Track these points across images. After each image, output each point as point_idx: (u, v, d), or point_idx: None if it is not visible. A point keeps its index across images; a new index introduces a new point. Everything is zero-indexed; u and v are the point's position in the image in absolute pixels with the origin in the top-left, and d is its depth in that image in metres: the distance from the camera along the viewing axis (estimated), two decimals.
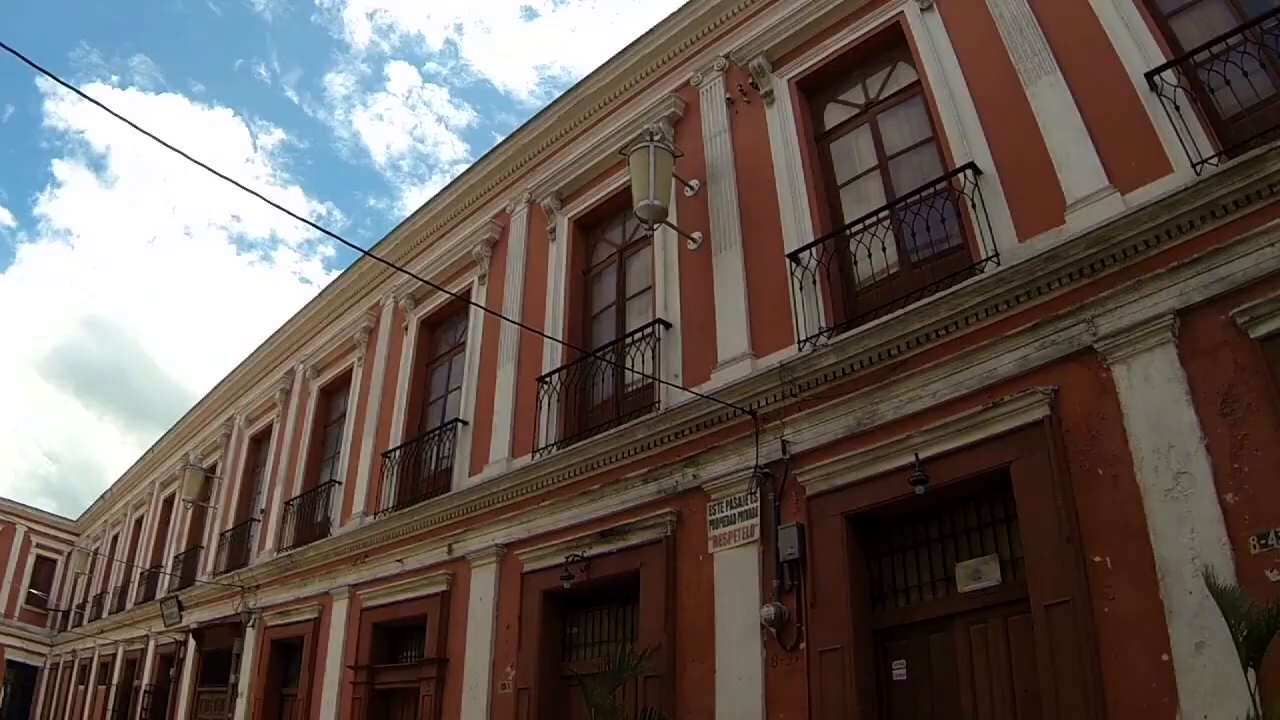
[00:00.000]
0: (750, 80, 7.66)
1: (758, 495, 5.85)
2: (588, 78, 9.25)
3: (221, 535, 14.09)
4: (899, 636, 5.35)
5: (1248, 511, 4.01)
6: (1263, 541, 3.89)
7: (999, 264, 5.41)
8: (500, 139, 10.96)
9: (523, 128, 9.86)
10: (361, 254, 4.87)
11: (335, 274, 20.10)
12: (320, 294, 13.19)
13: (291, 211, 8.74)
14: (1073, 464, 4.69)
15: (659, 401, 6.88)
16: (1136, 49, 5.23)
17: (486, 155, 10.26)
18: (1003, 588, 5.00)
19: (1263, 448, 4.05)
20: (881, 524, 5.66)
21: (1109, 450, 4.61)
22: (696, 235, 7.37)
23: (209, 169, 3.86)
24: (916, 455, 5.12)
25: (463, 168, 13.28)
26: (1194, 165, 4.69)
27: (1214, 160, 4.68)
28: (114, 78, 72.43)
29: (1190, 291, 4.64)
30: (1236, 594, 3.44)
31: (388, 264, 10.12)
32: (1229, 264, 4.47)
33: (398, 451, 9.82)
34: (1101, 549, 4.42)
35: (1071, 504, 4.58)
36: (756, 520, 5.76)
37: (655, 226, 7.23)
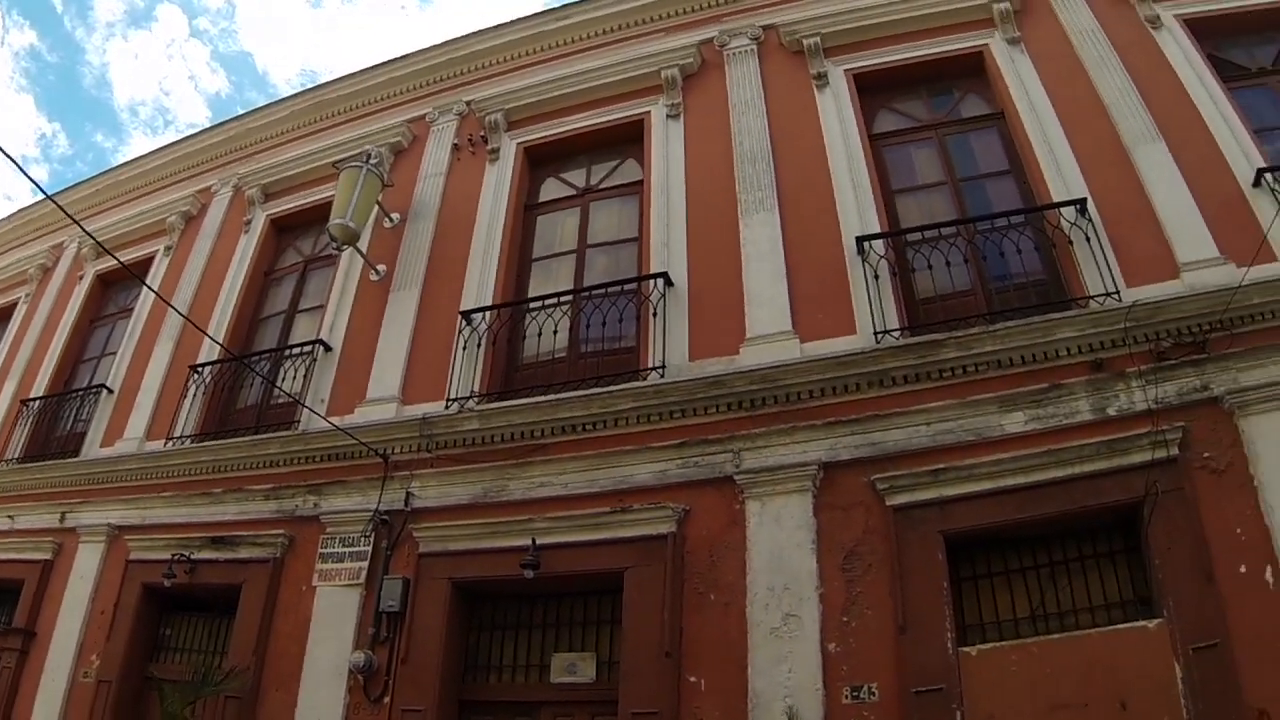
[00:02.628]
0: (482, 133, 9.22)
1: (371, 540, 6.95)
2: (331, 82, 10.93)
3: None
4: (485, 712, 6.37)
5: (847, 663, 5.33)
6: (855, 694, 5.24)
7: (663, 376, 6.66)
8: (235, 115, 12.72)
9: (253, 111, 11.48)
10: (44, 196, 5.64)
11: (30, 201, 20.84)
12: (4, 218, 14.23)
13: None
14: (688, 584, 5.86)
15: (299, 421, 7.94)
16: (857, 214, 7.01)
17: (210, 128, 11.80)
18: (595, 686, 6.10)
19: (873, 608, 5.42)
20: (488, 597, 6.75)
21: (726, 578, 5.78)
22: (381, 268, 8.61)
23: None
24: (533, 540, 6.21)
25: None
26: (876, 333, 6.27)
27: (896, 333, 6.27)
28: None
29: (840, 448, 6.00)
30: None
31: (63, 211, 11.13)
32: (883, 432, 5.95)
33: (36, 403, 10.75)
34: (699, 670, 5.55)
35: (678, 621, 5.73)
36: (365, 564, 6.86)
37: (344, 247, 8.38)
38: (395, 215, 8.98)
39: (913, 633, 5.37)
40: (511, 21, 10.03)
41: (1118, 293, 6.33)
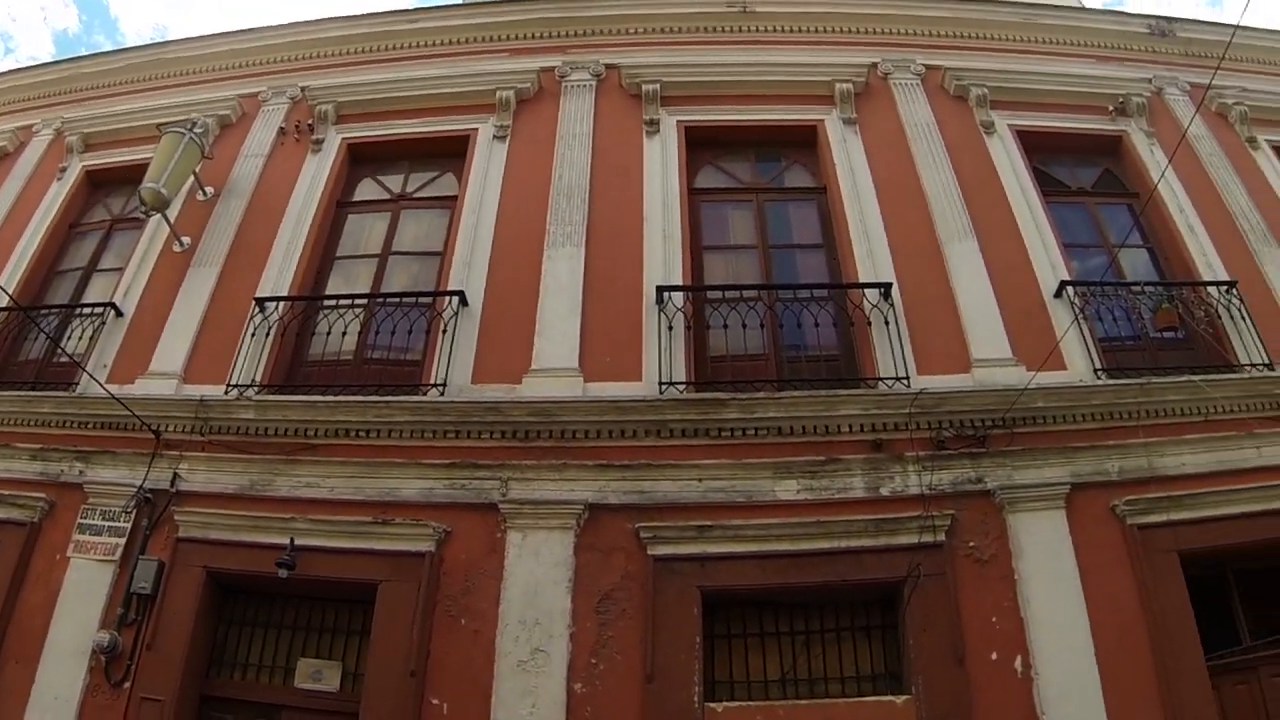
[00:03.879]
0: (310, 121, 9.77)
1: (132, 517, 7.17)
2: (172, 42, 11.45)
3: None
4: (227, 709, 6.68)
5: (591, 705, 5.87)
6: None
7: (442, 394, 7.15)
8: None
9: (90, 56, 11.94)
10: None
11: None
12: None
13: None
14: (440, 605, 6.30)
15: (77, 384, 8.11)
16: (663, 264, 7.95)
17: (43, 65, 12.22)
18: (338, 696, 6.52)
19: (624, 654, 6.00)
20: (242, 592, 7.06)
21: (479, 605, 6.26)
22: (186, 240, 8.92)
23: None
24: (292, 540, 6.56)
25: None
26: (661, 383, 7.02)
27: (681, 387, 7.04)
28: None
29: (609, 491, 6.59)
30: None
31: None
32: (654, 481, 6.62)
33: None
34: (442, 694, 6.01)
35: (426, 642, 6.16)
36: (123, 541, 7.09)
37: (152, 213, 8.64)
38: (209, 189, 9.34)
39: (660, 683, 5.93)
40: (361, 15, 10.59)
41: (907, 378, 7.19)
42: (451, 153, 9.39)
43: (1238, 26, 9.30)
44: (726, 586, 6.43)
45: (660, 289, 7.62)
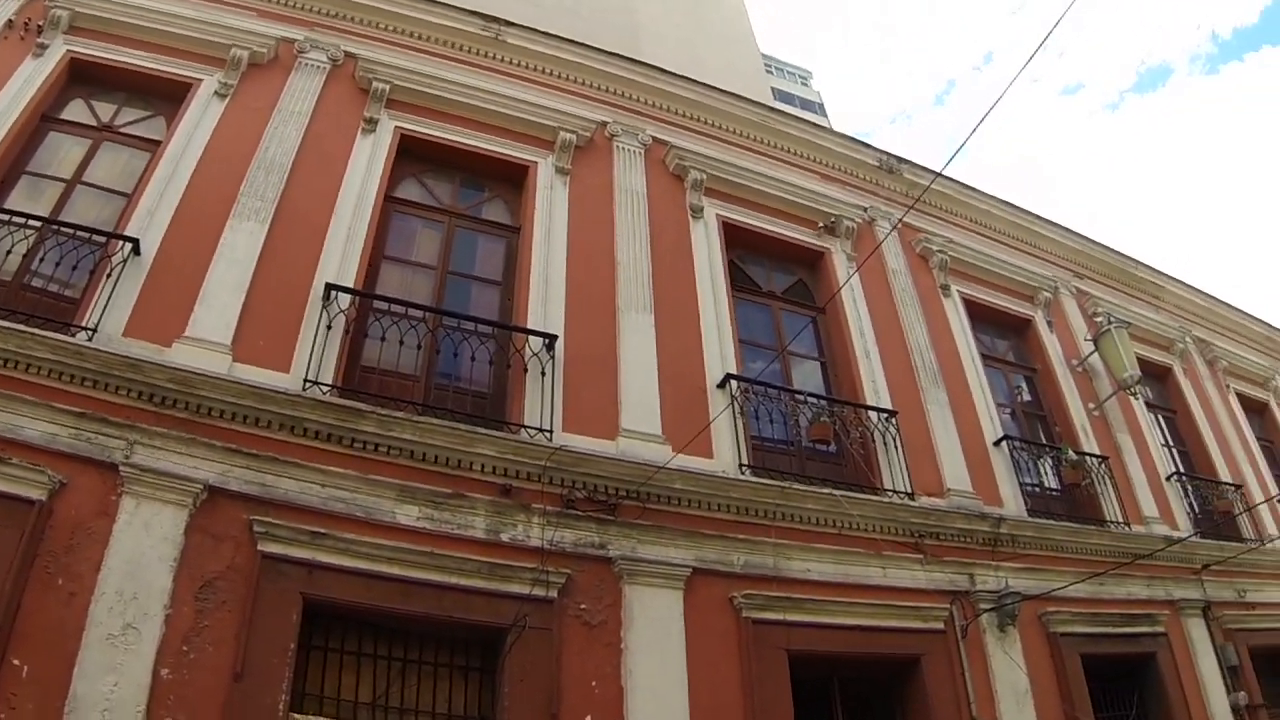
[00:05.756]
0: (40, 22, 10.08)
1: None
2: None
3: None
4: None
5: (175, 693, 6.28)
6: None
7: (90, 339, 7.53)
8: None
9: None
10: None
11: None
12: None
13: None
14: (39, 560, 6.53)
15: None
16: (339, 263, 9.14)
17: None
18: None
19: (216, 646, 6.46)
20: None
21: (79, 568, 6.54)
22: None
23: None
24: None
25: None
26: (306, 380, 8.01)
27: (326, 389, 7.98)
28: None
29: (231, 477, 7.27)
30: None
31: None
32: (276, 477, 7.52)
33: None
34: (25, 655, 6.25)
35: (18, 596, 6.40)
36: None
37: None
38: None
39: (248, 683, 6.49)
40: None
41: (551, 432, 8.34)
42: (172, 96, 10.08)
43: (938, 174, 11.55)
44: (331, 599, 7.14)
45: (330, 286, 8.49)
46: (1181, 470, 15.27)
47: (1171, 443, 16.11)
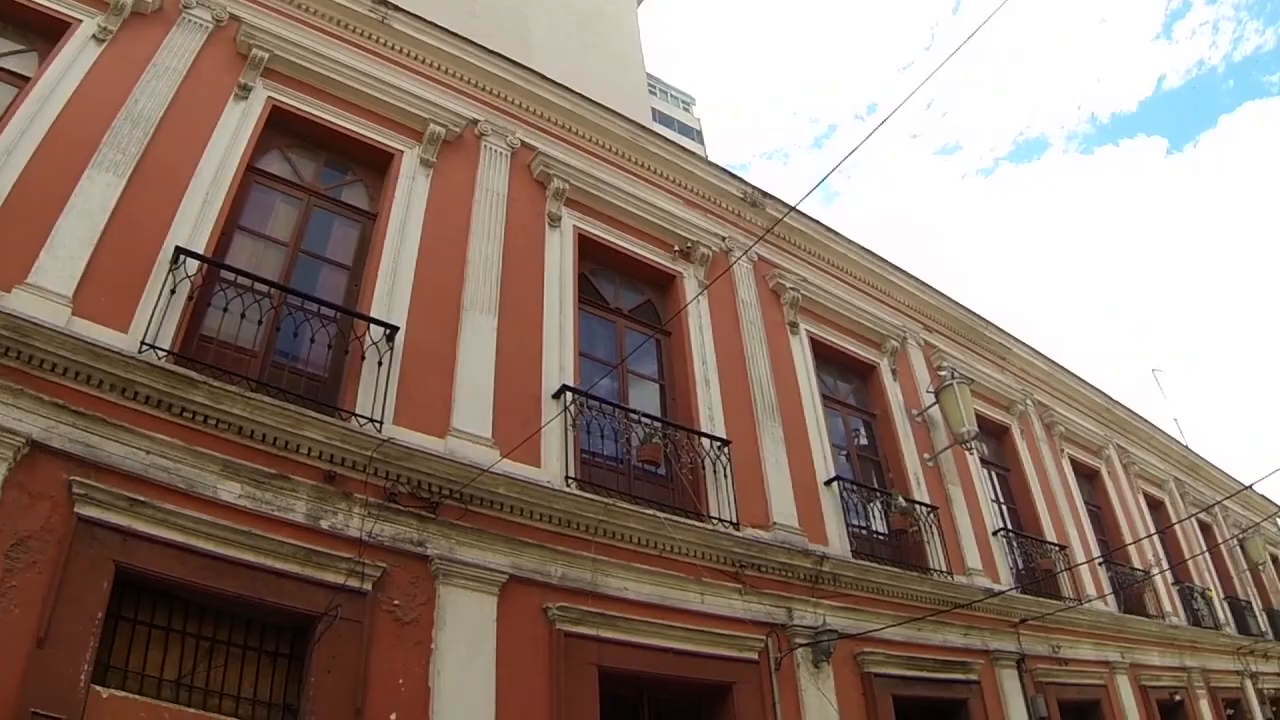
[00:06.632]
0: None
1: None
2: None
3: None
4: None
5: None
6: None
7: None
8: None
9: None
10: None
11: None
12: None
13: None
14: None
15: None
16: (192, 226, 9.34)
17: None
18: None
19: (21, 608, 6.56)
20: None
21: None
22: None
23: None
24: None
25: None
26: (144, 342, 8.07)
27: (164, 353, 8.12)
28: None
29: (55, 433, 7.20)
30: None
31: None
32: (102, 438, 7.43)
33: None
34: None
35: None
36: None
37: None
38: None
39: (51, 650, 6.47)
40: None
41: (381, 423, 8.76)
42: (49, 33, 10.20)
43: (792, 208, 12.61)
44: (143, 569, 7.19)
45: (180, 250, 8.60)
46: (1009, 526, 16.61)
47: (1002, 499, 17.40)
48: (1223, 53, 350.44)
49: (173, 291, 8.53)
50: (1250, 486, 23.09)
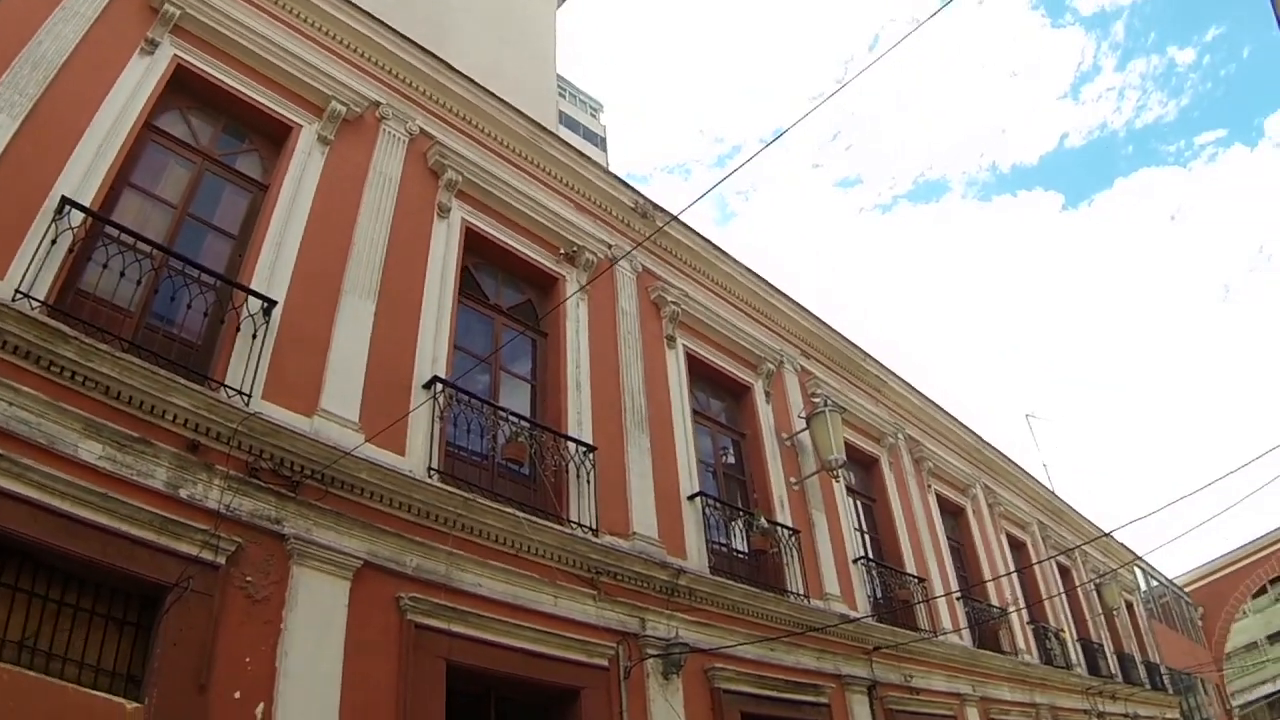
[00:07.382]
0: None
1: None
2: None
3: None
4: None
5: None
6: None
7: None
8: None
9: None
10: None
11: None
12: None
13: None
14: None
15: None
16: (82, 178, 9.14)
17: None
18: None
19: None
20: None
21: None
22: None
23: None
24: None
25: None
26: (17, 291, 7.97)
27: (37, 305, 8.11)
28: None
29: None
30: None
31: None
32: None
33: None
34: None
35: None
36: None
37: None
38: None
39: None
40: None
41: (249, 396, 8.94)
42: None
43: (674, 217, 13.09)
44: None
45: (65, 200, 8.53)
46: (870, 555, 17.33)
47: (865, 529, 18.14)
48: (1126, 118, 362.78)
49: (54, 242, 8.50)
50: (1110, 534, 24.16)
